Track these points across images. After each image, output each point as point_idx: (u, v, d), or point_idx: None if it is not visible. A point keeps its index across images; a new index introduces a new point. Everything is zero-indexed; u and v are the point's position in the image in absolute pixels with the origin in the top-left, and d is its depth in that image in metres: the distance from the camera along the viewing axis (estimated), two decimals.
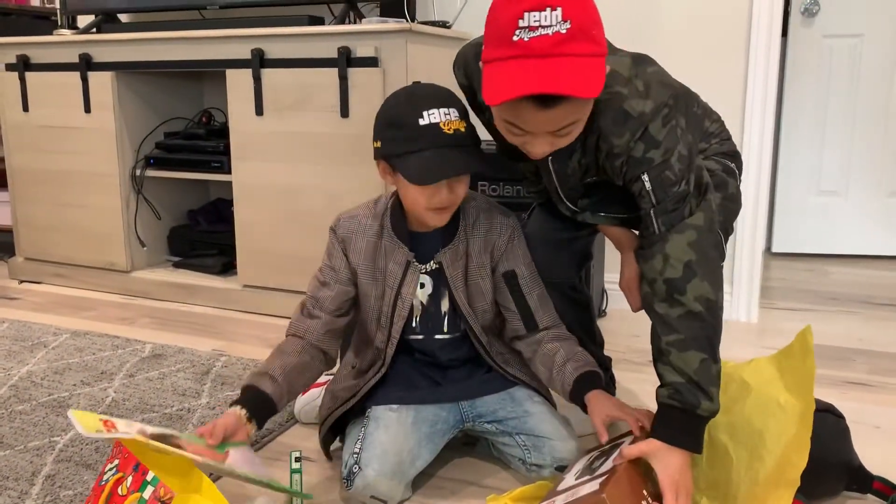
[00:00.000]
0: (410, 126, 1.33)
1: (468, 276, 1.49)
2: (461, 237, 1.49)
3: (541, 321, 1.50)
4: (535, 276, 1.52)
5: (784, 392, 1.30)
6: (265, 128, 2.46)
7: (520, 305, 1.49)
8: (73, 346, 2.25)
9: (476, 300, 1.51)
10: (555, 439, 1.45)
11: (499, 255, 1.50)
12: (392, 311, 1.48)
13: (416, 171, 1.33)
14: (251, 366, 2.07)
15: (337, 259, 1.50)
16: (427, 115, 1.33)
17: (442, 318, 1.52)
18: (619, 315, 2.58)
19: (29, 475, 1.52)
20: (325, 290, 1.50)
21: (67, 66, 2.77)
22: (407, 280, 1.47)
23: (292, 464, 1.36)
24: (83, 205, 2.86)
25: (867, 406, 1.83)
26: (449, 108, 1.34)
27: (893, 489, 1.39)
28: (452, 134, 1.33)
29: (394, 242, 1.47)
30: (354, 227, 1.50)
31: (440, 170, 1.33)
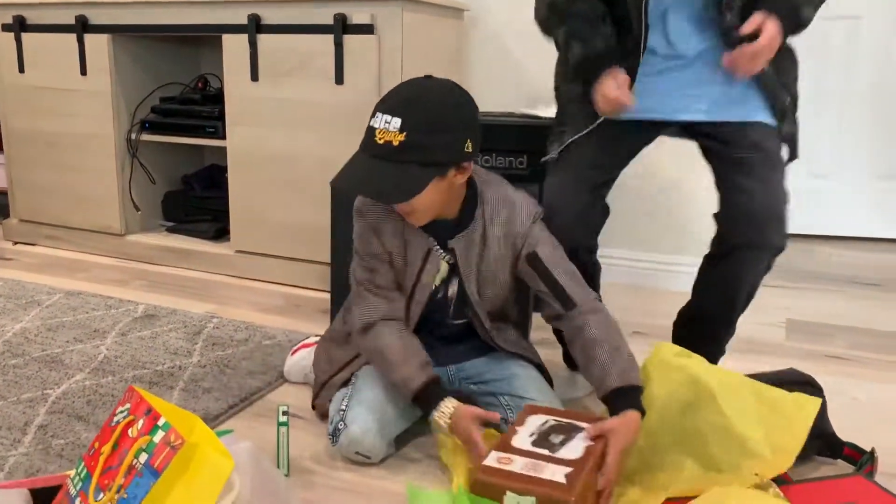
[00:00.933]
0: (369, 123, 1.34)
1: (482, 263, 1.48)
2: (478, 224, 1.46)
3: (576, 296, 1.44)
4: (558, 253, 1.48)
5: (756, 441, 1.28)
6: (260, 94, 2.47)
7: (550, 285, 1.45)
8: (66, 305, 2.28)
9: (487, 287, 1.50)
10: (538, 401, 1.48)
11: (521, 242, 1.47)
12: (410, 297, 1.49)
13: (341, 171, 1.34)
14: (242, 328, 2.10)
15: (374, 245, 1.47)
16: (375, 116, 1.32)
17: (448, 303, 1.54)
18: (607, 288, 2.60)
19: (21, 425, 1.55)
20: (378, 275, 1.48)
21: (64, 27, 2.76)
22: (427, 268, 1.47)
23: (279, 417, 1.39)
24: (78, 167, 2.87)
25: (843, 378, 1.87)
26: (393, 118, 1.29)
27: (862, 454, 1.43)
28: (381, 144, 1.29)
29: (413, 229, 1.45)
30: (380, 212, 1.46)
31: (344, 180, 1.32)
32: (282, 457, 1.40)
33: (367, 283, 1.49)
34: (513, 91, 2.68)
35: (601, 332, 1.41)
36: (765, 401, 1.31)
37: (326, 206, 2.32)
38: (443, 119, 1.31)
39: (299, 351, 1.81)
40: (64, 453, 1.44)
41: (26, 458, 1.42)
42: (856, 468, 1.40)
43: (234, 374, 1.82)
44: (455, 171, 1.35)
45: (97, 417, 1.59)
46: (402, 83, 1.37)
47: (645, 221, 2.63)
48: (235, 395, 1.70)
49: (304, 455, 1.48)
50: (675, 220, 2.59)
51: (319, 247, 2.45)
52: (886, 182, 3.39)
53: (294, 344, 1.95)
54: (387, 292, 1.49)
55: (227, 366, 1.86)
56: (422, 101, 1.31)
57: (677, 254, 2.60)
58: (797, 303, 2.49)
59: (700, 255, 1.71)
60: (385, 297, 1.49)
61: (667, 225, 2.61)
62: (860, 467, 1.39)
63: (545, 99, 2.64)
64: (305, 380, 1.79)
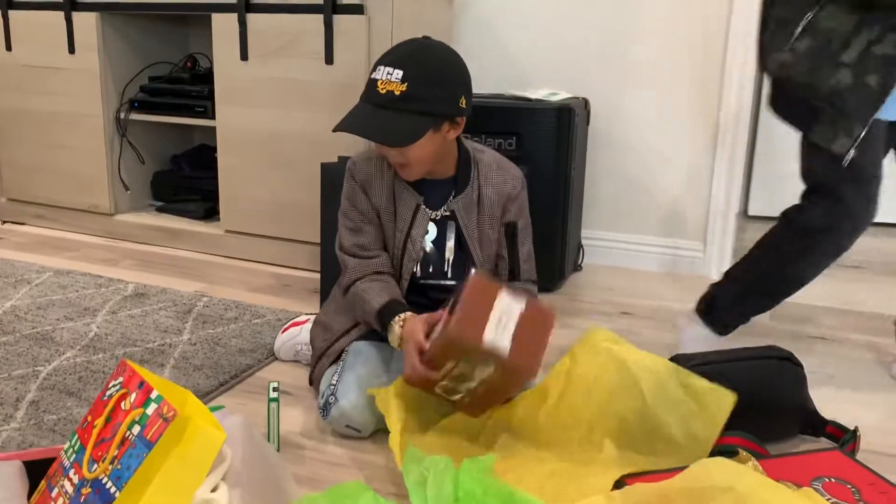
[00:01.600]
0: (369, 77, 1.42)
1: (479, 224, 1.55)
2: (474, 186, 1.54)
3: (522, 273, 1.59)
4: (529, 230, 1.61)
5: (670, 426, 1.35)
6: (250, 73, 2.47)
7: (511, 255, 1.57)
8: (56, 284, 2.28)
9: (484, 248, 1.56)
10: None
11: (510, 206, 1.56)
12: (402, 252, 1.53)
13: (343, 119, 1.41)
14: (233, 307, 2.12)
15: (361, 202, 1.53)
16: (377, 69, 1.40)
17: (447, 264, 1.57)
18: (594, 269, 2.64)
19: (13, 401, 1.56)
20: (363, 235, 1.54)
21: (51, 4, 2.74)
22: (416, 223, 1.52)
23: (270, 393, 1.41)
24: (67, 146, 2.86)
25: (826, 358, 1.90)
26: (395, 70, 1.37)
27: (844, 432, 1.46)
28: (383, 94, 1.38)
29: (404, 186, 1.52)
30: (372, 170, 1.53)
31: (342, 122, 1.40)
32: (272, 432, 1.41)
33: (352, 248, 1.53)
34: (503, 73, 2.69)
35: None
36: (686, 389, 1.36)
37: (316, 186, 2.33)
38: (441, 73, 1.41)
39: (289, 329, 1.83)
40: (56, 428, 1.46)
41: (18, 433, 1.44)
42: (837, 445, 1.42)
43: (224, 351, 1.83)
44: (448, 125, 1.43)
45: (88, 393, 1.60)
46: (403, 42, 1.45)
47: (631, 204, 2.65)
48: (226, 373, 1.72)
49: (294, 430, 1.50)
50: (666, 204, 2.62)
51: (309, 227, 2.45)
52: None
53: (284, 322, 1.97)
54: (371, 252, 1.53)
55: (218, 343, 1.88)
56: (423, 55, 1.41)
57: (663, 236, 2.63)
58: None
59: (683, 237, 1.73)
60: (370, 258, 1.53)
61: (653, 207, 2.63)
62: (842, 445, 1.42)
63: (535, 81, 2.65)
64: (296, 357, 1.81)
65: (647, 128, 2.59)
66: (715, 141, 2.51)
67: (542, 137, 2.27)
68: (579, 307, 2.27)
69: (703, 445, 1.32)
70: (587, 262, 2.68)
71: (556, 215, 2.33)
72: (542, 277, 2.33)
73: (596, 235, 2.70)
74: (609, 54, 2.58)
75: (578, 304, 2.30)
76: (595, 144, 2.62)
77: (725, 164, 2.50)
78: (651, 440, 1.35)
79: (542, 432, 1.41)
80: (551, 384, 1.45)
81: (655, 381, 1.37)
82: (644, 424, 1.36)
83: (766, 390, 1.45)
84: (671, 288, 2.46)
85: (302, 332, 1.80)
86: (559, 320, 2.11)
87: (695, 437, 1.33)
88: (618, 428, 1.37)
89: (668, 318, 2.18)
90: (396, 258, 1.54)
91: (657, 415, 1.35)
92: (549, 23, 2.63)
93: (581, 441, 1.38)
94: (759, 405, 1.41)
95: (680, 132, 2.55)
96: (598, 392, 1.40)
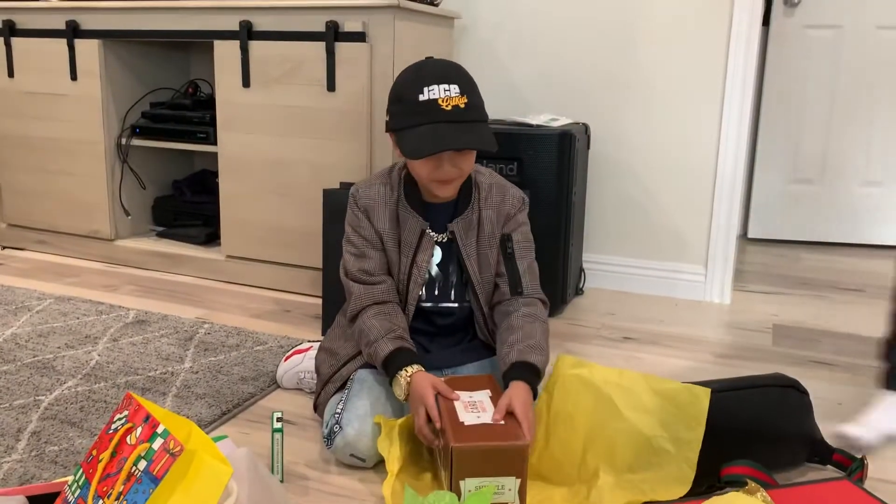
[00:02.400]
0: (411, 101, 1.41)
1: (479, 246, 1.55)
2: (474, 208, 1.54)
3: (525, 287, 1.54)
4: (528, 245, 1.58)
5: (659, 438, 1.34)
6: (252, 100, 2.48)
7: (509, 268, 1.55)
8: (57, 311, 2.27)
9: (484, 270, 1.56)
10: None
11: (508, 223, 1.57)
12: (408, 278, 1.53)
13: (411, 145, 1.40)
14: (234, 334, 2.11)
15: (365, 228, 1.54)
16: (427, 90, 1.39)
17: (450, 287, 1.57)
18: (596, 294, 2.64)
19: (14, 431, 1.55)
20: (368, 260, 1.53)
21: (54, 32, 2.76)
22: (422, 248, 1.52)
23: (274, 423, 1.40)
24: (68, 172, 2.87)
25: (830, 384, 1.90)
26: (450, 85, 1.39)
27: (852, 461, 1.45)
28: (450, 110, 1.39)
29: (408, 212, 1.52)
30: (374, 196, 1.54)
31: (431, 144, 1.38)
32: (276, 463, 1.40)
33: (356, 273, 1.53)
34: (503, 99, 2.71)
35: (524, 322, 1.48)
36: (660, 394, 1.37)
37: (317, 212, 2.33)
38: (475, 84, 1.46)
39: (292, 357, 1.82)
40: (58, 460, 1.44)
41: (20, 465, 1.42)
42: (845, 474, 1.42)
43: (226, 380, 1.82)
44: None
45: (90, 424, 1.59)
46: (417, 65, 1.46)
47: (632, 228, 2.65)
48: (228, 402, 1.71)
49: (297, 461, 1.49)
50: (668, 228, 2.62)
51: (310, 252, 2.46)
52: (872, 188, 3.43)
53: (286, 350, 1.96)
54: (376, 277, 1.53)
55: (220, 371, 1.87)
56: (457, 69, 1.44)
57: (665, 260, 2.63)
58: (783, 308, 2.52)
59: (684, 260, 1.72)
60: (374, 283, 1.52)
61: (654, 231, 2.63)
62: (850, 474, 1.41)
63: (536, 107, 2.66)
64: (298, 385, 1.80)
65: (647, 152, 2.60)
66: (715, 164, 2.52)
67: (544, 163, 2.28)
68: (581, 332, 2.27)
69: (693, 445, 1.31)
70: (589, 287, 2.68)
71: (557, 240, 2.33)
72: None
73: (597, 259, 2.70)
74: (609, 79, 2.59)
75: (580, 328, 2.30)
76: (596, 169, 2.63)
77: (727, 187, 2.51)
78: (642, 455, 1.34)
79: (539, 474, 1.39)
80: (536, 426, 1.43)
81: (627, 394, 1.37)
82: (631, 442, 1.35)
83: (772, 418, 1.44)
84: (673, 312, 2.46)
85: (304, 359, 1.80)
86: (561, 346, 2.12)
87: (680, 440, 1.32)
88: (609, 452, 1.36)
89: (669, 343, 2.18)
90: (402, 283, 1.54)
91: (641, 430, 1.34)
92: (548, 49, 2.65)
93: (579, 474, 1.36)
94: (765, 433, 1.41)
95: (680, 156, 2.56)
96: (581, 419, 1.39)
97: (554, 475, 1.38)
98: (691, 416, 1.34)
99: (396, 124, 1.45)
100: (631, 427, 1.35)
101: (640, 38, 2.54)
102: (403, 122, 1.42)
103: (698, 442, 1.32)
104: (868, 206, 3.44)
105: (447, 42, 2.63)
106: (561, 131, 2.29)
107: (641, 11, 2.52)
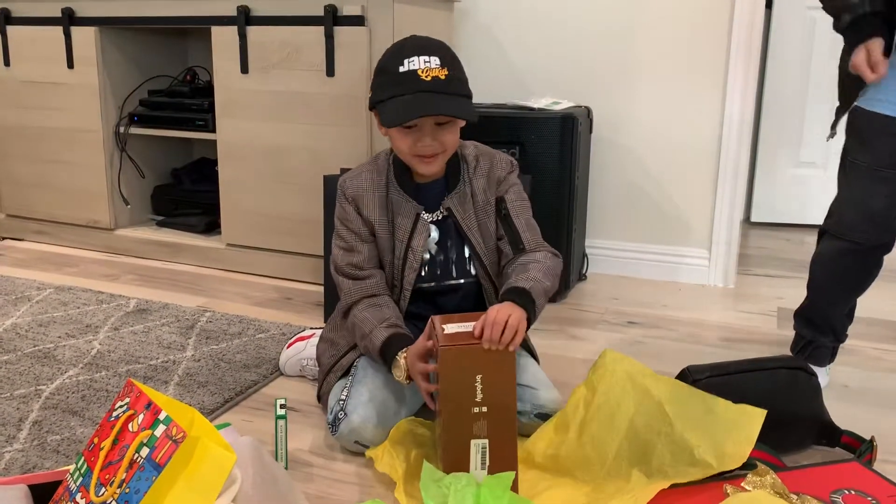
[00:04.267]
0: (391, 73, 1.40)
1: (477, 217, 1.54)
2: (465, 181, 1.53)
3: (527, 242, 1.52)
4: (523, 204, 1.56)
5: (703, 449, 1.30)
6: (250, 86, 2.45)
7: (507, 227, 1.53)
8: (57, 301, 2.26)
9: (487, 240, 1.54)
10: (536, 388, 1.48)
11: (499, 187, 1.55)
12: (403, 263, 1.51)
13: (390, 114, 1.39)
14: (236, 322, 2.10)
15: (353, 221, 1.52)
16: (407, 62, 1.39)
17: (451, 264, 1.55)
18: (599, 279, 2.62)
19: (16, 421, 1.54)
20: (357, 254, 1.52)
21: (50, 20, 2.73)
22: (417, 232, 1.50)
23: (277, 410, 1.38)
24: (66, 162, 2.85)
25: (837, 367, 1.88)
26: (430, 57, 1.39)
27: (861, 443, 1.44)
28: (430, 80, 1.38)
29: (401, 196, 1.51)
30: (362, 185, 1.52)
31: (408, 111, 1.38)
32: (280, 450, 1.39)
33: (346, 268, 1.52)
34: (504, 82, 2.68)
35: (519, 267, 1.46)
36: (711, 410, 1.32)
37: (318, 199, 2.31)
38: (459, 60, 1.45)
39: (294, 344, 1.81)
40: (60, 449, 1.43)
41: (22, 455, 1.41)
42: (854, 456, 1.40)
43: (228, 367, 1.81)
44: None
45: (92, 412, 1.58)
46: (403, 40, 1.45)
47: (635, 212, 2.64)
48: (231, 389, 1.70)
49: (301, 448, 1.47)
50: (671, 212, 2.60)
51: (311, 239, 2.44)
52: None
53: (288, 337, 1.95)
54: (366, 272, 1.51)
55: (222, 359, 1.86)
56: (440, 45, 1.44)
57: (668, 244, 2.61)
58: (788, 292, 2.50)
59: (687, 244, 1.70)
60: (364, 278, 1.51)
61: (657, 216, 2.61)
62: (859, 455, 1.40)
63: (537, 90, 2.64)
64: (301, 372, 1.79)
65: (650, 136, 2.58)
66: (718, 148, 2.50)
67: (546, 147, 2.26)
68: (585, 317, 2.25)
69: (735, 459, 1.27)
70: (592, 272, 2.66)
71: (560, 224, 2.31)
72: None
73: (600, 244, 2.69)
74: (611, 62, 2.57)
75: (584, 313, 2.28)
76: (598, 153, 2.61)
77: (730, 170, 2.49)
78: (681, 464, 1.29)
79: (565, 467, 1.36)
80: (570, 415, 1.40)
81: (679, 404, 1.33)
82: (672, 447, 1.30)
83: (780, 401, 1.43)
84: (677, 296, 2.45)
85: (307, 346, 1.78)
86: (565, 331, 2.11)
87: (728, 457, 1.27)
88: (644, 454, 1.32)
89: (674, 327, 2.16)
90: (397, 269, 1.52)
91: (686, 438, 1.30)
92: (549, 31, 2.62)
93: (608, 473, 1.33)
94: (774, 416, 1.38)
95: (683, 140, 2.54)
96: (622, 419, 1.35)
97: (581, 472, 1.34)
98: (743, 435, 1.29)
99: (376, 97, 1.44)
100: (676, 435, 1.30)
101: (643, 20, 2.52)
102: (383, 94, 1.42)
103: (743, 458, 1.27)
104: None
105: (447, 26, 2.60)
106: (563, 115, 2.27)
107: None
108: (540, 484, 1.32)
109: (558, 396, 1.49)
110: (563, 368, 1.85)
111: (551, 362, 1.88)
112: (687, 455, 1.29)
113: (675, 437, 1.30)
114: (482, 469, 1.27)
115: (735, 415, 1.31)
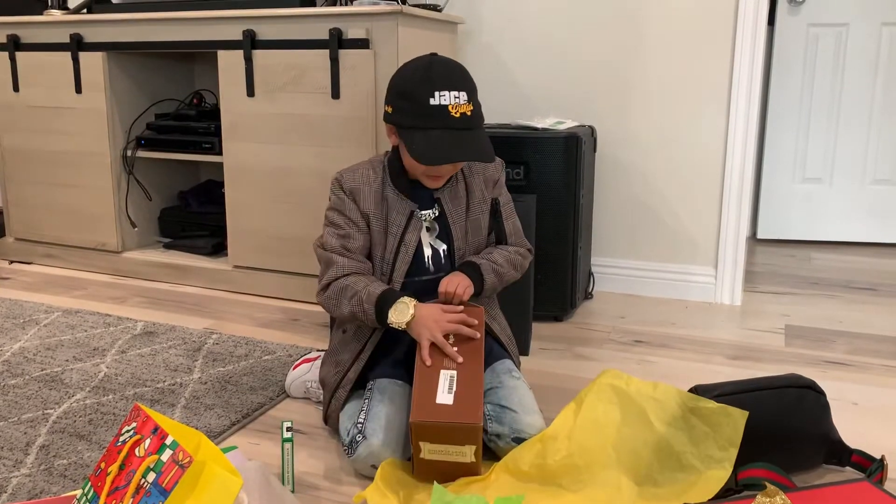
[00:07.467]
0: (420, 103, 1.45)
1: (469, 211, 1.61)
2: (458, 178, 1.61)
3: (509, 238, 1.67)
4: (510, 205, 1.70)
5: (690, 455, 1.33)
6: (256, 109, 2.47)
7: (496, 224, 1.66)
8: (64, 324, 2.27)
9: (473, 234, 1.62)
10: (518, 412, 1.46)
11: (495, 187, 1.66)
12: (394, 256, 1.55)
13: (421, 149, 1.44)
14: (242, 344, 2.10)
15: (351, 210, 1.56)
16: (438, 95, 1.44)
17: (440, 257, 1.61)
18: (605, 297, 2.62)
19: (23, 445, 1.54)
20: (352, 240, 1.55)
21: (58, 45, 2.77)
22: (410, 228, 1.56)
23: (283, 433, 1.38)
24: (74, 185, 2.87)
25: (846, 384, 1.87)
26: (459, 92, 1.46)
27: (871, 461, 1.43)
28: (459, 117, 1.45)
29: (396, 194, 1.56)
30: (360, 178, 1.57)
31: (442, 153, 1.45)
32: (287, 473, 1.39)
33: (339, 248, 1.55)
34: (508, 103, 2.69)
35: (496, 250, 1.63)
36: (695, 412, 1.35)
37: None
38: (476, 88, 1.52)
39: (300, 366, 1.81)
40: (67, 473, 1.43)
41: (29, 479, 1.41)
42: (865, 476, 1.39)
43: (235, 390, 1.81)
44: None
45: (99, 436, 1.58)
46: (424, 63, 1.49)
47: (641, 230, 2.64)
48: (237, 412, 1.70)
49: (308, 471, 1.47)
50: (676, 230, 2.60)
51: (317, 260, 2.44)
52: (881, 187, 3.41)
53: (295, 359, 1.95)
54: (357, 255, 1.55)
55: (229, 382, 1.86)
56: (464, 72, 1.50)
57: (674, 262, 2.61)
58: (795, 309, 2.49)
59: (694, 262, 1.71)
60: (356, 259, 1.55)
61: (663, 233, 2.61)
62: (870, 475, 1.38)
63: (541, 110, 2.65)
64: (307, 395, 1.78)
65: (654, 154, 2.59)
66: (723, 165, 2.50)
67: (550, 166, 2.27)
68: (592, 336, 2.25)
69: (724, 464, 1.30)
70: (598, 290, 2.66)
71: (566, 243, 2.31)
72: (554, 307, 2.33)
73: (606, 263, 2.69)
74: (614, 81, 2.58)
75: (590, 332, 2.28)
76: (603, 171, 2.61)
77: (735, 188, 2.49)
78: (668, 470, 1.33)
79: (552, 476, 1.36)
80: (558, 426, 1.41)
81: (661, 408, 1.36)
82: (659, 455, 1.34)
83: (789, 420, 1.42)
84: (684, 314, 2.44)
85: (312, 368, 1.78)
86: (572, 350, 2.10)
87: (711, 458, 1.31)
88: (633, 463, 1.34)
89: (681, 346, 2.16)
90: (388, 262, 1.56)
91: (671, 444, 1.33)
92: (552, 52, 2.64)
93: (598, 482, 1.33)
94: (782, 435, 1.39)
95: (688, 158, 2.55)
96: (609, 428, 1.37)
97: (571, 482, 1.35)
98: (725, 436, 1.32)
99: (404, 121, 1.48)
100: (661, 440, 1.34)
101: (646, 39, 2.53)
102: (412, 122, 1.47)
103: (731, 462, 1.30)
104: (878, 204, 3.41)
105: (451, 47, 2.62)
106: (567, 134, 2.27)
107: (646, 12, 2.51)
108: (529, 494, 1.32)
109: (540, 422, 1.46)
110: (570, 388, 1.84)
111: (557, 381, 1.87)
112: (674, 461, 1.32)
113: (659, 444, 1.34)
114: (449, 393, 1.37)
115: (717, 416, 1.34)
